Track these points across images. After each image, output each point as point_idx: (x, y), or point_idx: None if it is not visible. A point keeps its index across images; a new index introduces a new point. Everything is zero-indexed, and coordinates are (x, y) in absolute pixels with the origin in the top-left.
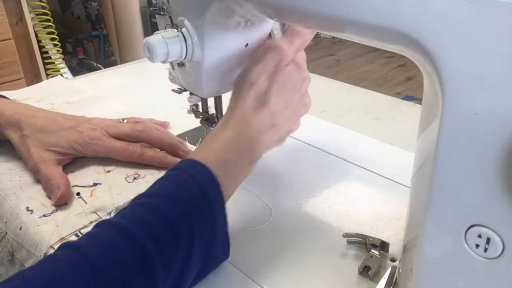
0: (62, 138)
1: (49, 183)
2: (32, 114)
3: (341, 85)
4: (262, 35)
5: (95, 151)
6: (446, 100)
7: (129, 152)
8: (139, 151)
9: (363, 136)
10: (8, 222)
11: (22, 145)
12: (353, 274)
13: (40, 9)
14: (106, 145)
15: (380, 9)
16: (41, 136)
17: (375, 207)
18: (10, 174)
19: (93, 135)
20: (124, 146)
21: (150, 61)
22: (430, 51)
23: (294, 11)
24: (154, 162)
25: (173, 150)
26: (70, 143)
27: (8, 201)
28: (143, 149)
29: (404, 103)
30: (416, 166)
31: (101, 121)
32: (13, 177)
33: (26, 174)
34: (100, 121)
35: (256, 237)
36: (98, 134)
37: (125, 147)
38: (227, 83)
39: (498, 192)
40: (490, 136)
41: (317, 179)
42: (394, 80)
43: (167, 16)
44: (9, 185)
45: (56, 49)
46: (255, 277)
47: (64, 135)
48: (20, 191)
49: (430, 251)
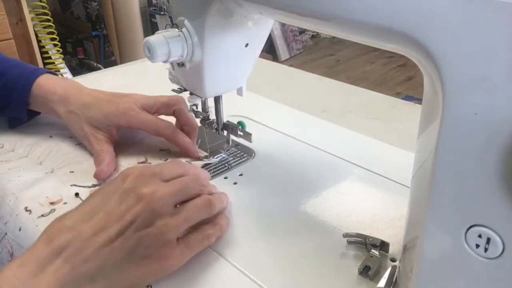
0: (99, 111)
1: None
2: (78, 91)
3: (341, 85)
4: (262, 35)
5: (128, 122)
6: (446, 100)
7: (161, 126)
8: (172, 128)
9: (363, 136)
10: (8, 222)
11: (72, 120)
12: (353, 274)
13: (40, 9)
14: (139, 117)
15: (380, 9)
16: (85, 112)
17: (375, 207)
18: (8, 174)
19: (127, 105)
20: (158, 120)
21: (150, 61)
22: (430, 51)
23: (294, 11)
24: (180, 145)
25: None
26: (106, 115)
27: (7, 201)
28: (175, 130)
29: (404, 103)
30: (416, 166)
31: (141, 95)
32: (12, 177)
33: (24, 174)
34: (140, 96)
35: (256, 237)
36: (132, 105)
37: (158, 122)
38: (227, 83)
39: (498, 192)
40: (490, 136)
41: (317, 179)
42: (394, 80)
43: (167, 16)
44: (8, 185)
45: (56, 49)
46: (255, 277)
47: (102, 107)
48: (19, 191)
49: (430, 251)
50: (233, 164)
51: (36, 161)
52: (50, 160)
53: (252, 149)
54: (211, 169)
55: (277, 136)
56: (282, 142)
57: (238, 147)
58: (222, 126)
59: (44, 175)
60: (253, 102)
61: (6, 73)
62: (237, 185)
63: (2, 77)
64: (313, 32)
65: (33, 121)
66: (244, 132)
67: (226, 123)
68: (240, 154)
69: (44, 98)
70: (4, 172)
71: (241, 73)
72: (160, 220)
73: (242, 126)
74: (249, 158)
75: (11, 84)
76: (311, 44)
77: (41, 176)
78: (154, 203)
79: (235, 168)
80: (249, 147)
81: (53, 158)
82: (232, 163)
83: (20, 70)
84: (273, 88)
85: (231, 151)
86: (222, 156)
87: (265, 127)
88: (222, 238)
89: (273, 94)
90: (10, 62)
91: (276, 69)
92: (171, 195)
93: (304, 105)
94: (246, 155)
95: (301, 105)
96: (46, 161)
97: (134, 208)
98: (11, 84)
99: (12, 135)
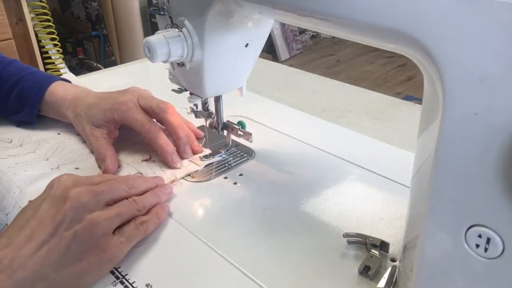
0: (99, 109)
1: (98, 156)
2: (85, 95)
3: (341, 85)
4: (262, 35)
5: (120, 117)
6: (446, 100)
7: (145, 129)
8: (154, 133)
9: (363, 136)
10: (10, 214)
11: (76, 123)
12: (353, 274)
13: (40, 9)
14: (129, 114)
15: (380, 9)
16: (88, 112)
17: (375, 207)
18: (15, 168)
19: (122, 100)
20: (145, 122)
21: (150, 61)
22: (430, 51)
23: (294, 11)
24: (158, 152)
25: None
26: (104, 112)
27: (11, 193)
28: (159, 134)
29: (404, 103)
30: (416, 166)
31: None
32: (18, 171)
33: (31, 169)
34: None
35: (256, 237)
36: (127, 101)
37: (144, 123)
38: (227, 83)
39: (498, 192)
40: (490, 136)
41: (317, 179)
42: (394, 80)
43: (167, 16)
44: (14, 178)
45: (56, 49)
46: (255, 277)
47: (102, 105)
48: (24, 185)
49: (430, 251)
50: (233, 164)
51: (43, 157)
52: (57, 157)
53: (252, 149)
54: (212, 169)
55: (277, 136)
56: (282, 142)
57: (238, 147)
58: (222, 126)
59: (50, 170)
60: (253, 102)
61: (21, 81)
62: (237, 185)
63: (17, 85)
64: (313, 32)
65: (42, 118)
66: (244, 132)
67: (226, 123)
68: (240, 154)
69: (55, 104)
70: (11, 166)
71: (241, 73)
72: (89, 214)
73: (242, 126)
74: (249, 158)
75: (27, 92)
76: (311, 44)
77: (47, 171)
78: (80, 199)
79: (235, 168)
80: (249, 147)
81: (60, 154)
82: (232, 163)
83: (34, 79)
84: (273, 88)
85: (231, 151)
86: (222, 156)
87: (265, 127)
88: (221, 238)
89: (273, 94)
90: (25, 70)
91: (276, 69)
92: (97, 192)
93: (304, 105)
94: (246, 155)
95: (301, 105)
96: (52, 157)
97: (63, 208)
98: (27, 92)
99: (21, 131)
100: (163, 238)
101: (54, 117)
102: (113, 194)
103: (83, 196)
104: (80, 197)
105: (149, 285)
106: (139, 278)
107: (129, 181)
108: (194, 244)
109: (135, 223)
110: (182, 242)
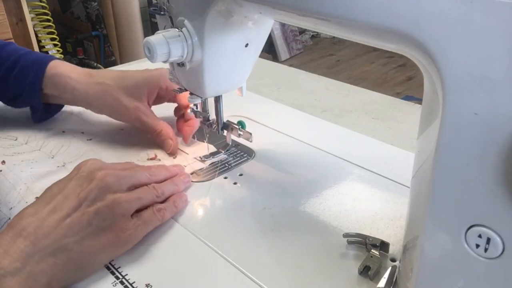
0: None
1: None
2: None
3: (341, 85)
4: (262, 35)
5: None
6: (446, 100)
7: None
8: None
9: (363, 136)
10: (13, 208)
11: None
12: (353, 274)
13: (40, 9)
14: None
15: (380, 9)
16: (119, 82)
17: (375, 207)
18: (21, 165)
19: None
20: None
21: (150, 61)
22: (430, 51)
23: (294, 11)
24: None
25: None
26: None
27: (17, 189)
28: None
29: (404, 103)
30: (416, 166)
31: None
32: (24, 168)
33: (37, 166)
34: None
35: (256, 237)
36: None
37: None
38: (227, 83)
39: (498, 192)
40: (490, 136)
41: (317, 179)
42: (394, 80)
43: (167, 16)
44: (20, 175)
45: (56, 49)
46: (255, 277)
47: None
48: (30, 182)
49: (430, 251)
50: (233, 164)
51: (49, 155)
52: (62, 155)
53: (252, 149)
54: (215, 168)
55: (277, 136)
56: (282, 142)
57: (238, 147)
58: (222, 126)
59: (56, 168)
60: (253, 102)
61: (20, 59)
62: (237, 185)
63: (17, 64)
64: (313, 32)
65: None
66: (244, 132)
67: (226, 123)
68: (240, 154)
69: (60, 77)
70: (17, 163)
71: (241, 73)
72: (111, 195)
73: (242, 126)
74: (249, 158)
75: (27, 69)
76: (311, 44)
77: (53, 169)
78: (105, 180)
79: (235, 168)
80: (249, 147)
81: (65, 152)
82: (232, 163)
83: (34, 56)
84: (273, 88)
85: (231, 151)
86: (222, 156)
87: (265, 127)
88: (221, 238)
89: (273, 94)
90: (23, 50)
91: (276, 69)
92: (121, 176)
93: (304, 105)
94: (246, 155)
95: (301, 105)
96: (58, 155)
97: (88, 186)
98: (27, 69)
99: (26, 129)
100: (163, 238)
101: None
102: (135, 180)
103: (108, 178)
104: (106, 178)
105: (149, 285)
106: (139, 278)
107: (152, 169)
108: (194, 244)
109: (153, 209)
110: (182, 242)
